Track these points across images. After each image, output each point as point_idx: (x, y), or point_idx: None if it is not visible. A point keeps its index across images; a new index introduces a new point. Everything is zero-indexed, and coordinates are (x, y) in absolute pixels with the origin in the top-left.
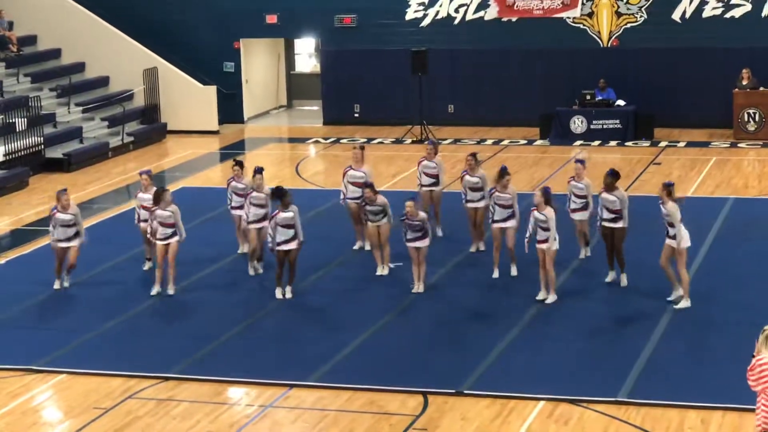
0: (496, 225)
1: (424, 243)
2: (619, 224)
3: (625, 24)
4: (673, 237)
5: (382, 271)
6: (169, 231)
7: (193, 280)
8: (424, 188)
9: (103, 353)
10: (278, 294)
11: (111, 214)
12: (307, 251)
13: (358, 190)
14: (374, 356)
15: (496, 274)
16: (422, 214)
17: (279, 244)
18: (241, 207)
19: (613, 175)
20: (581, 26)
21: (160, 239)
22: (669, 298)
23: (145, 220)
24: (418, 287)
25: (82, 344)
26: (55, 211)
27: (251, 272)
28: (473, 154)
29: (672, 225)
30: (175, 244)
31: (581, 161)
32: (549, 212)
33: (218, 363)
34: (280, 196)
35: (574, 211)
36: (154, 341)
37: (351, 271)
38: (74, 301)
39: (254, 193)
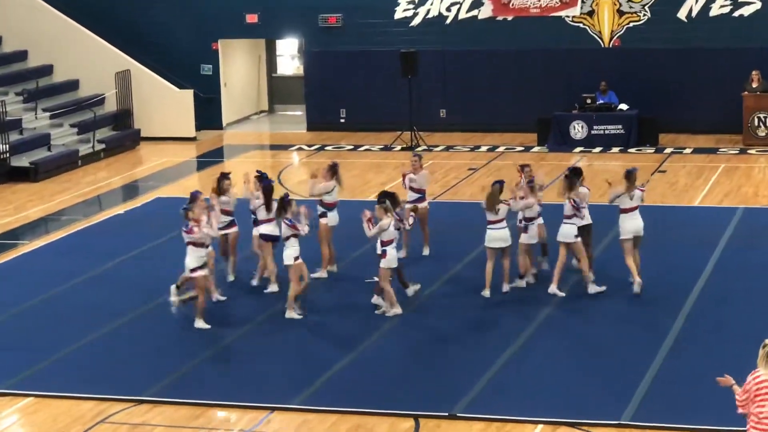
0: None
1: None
2: None
3: (628, 23)
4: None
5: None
6: (228, 219)
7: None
8: (409, 205)
9: (73, 375)
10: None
11: (81, 227)
12: None
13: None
14: (362, 377)
15: (554, 290)
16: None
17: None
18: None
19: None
20: (581, 25)
21: (222, 228)
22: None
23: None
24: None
25: (51, 365)
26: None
27: (293, 315)
28: (525, 165)
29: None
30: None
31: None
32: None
33: (195, 385)
34: (394, 200)
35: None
36: (127, 362)
37: (336, 288)
38: (42, 319)
39: (302, 226)
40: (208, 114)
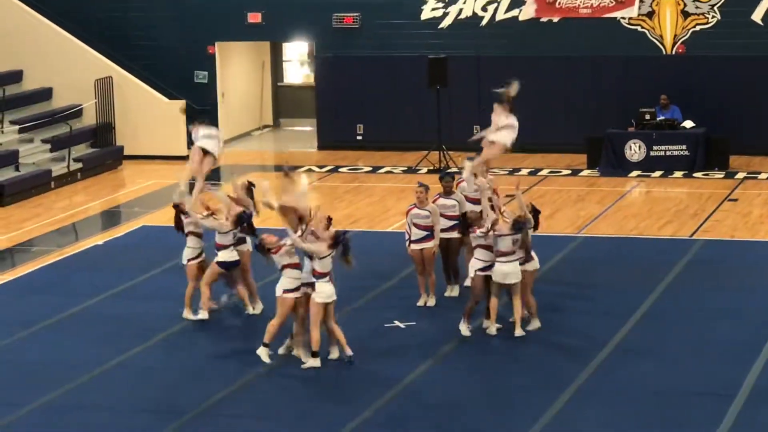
0: None
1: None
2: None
3: (694, 26)
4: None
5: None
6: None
7: (151, 344)
8: (414, 245)
9: None
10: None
11: (53, 259)
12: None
13: None
14: None
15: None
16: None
17: None
18: None
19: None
20: (639, 29)
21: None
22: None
23: None
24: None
25: (9, 424)
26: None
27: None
28: None
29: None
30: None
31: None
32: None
33: None
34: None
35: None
36: (101, 417)
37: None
38: (2, 370)
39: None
40: None
